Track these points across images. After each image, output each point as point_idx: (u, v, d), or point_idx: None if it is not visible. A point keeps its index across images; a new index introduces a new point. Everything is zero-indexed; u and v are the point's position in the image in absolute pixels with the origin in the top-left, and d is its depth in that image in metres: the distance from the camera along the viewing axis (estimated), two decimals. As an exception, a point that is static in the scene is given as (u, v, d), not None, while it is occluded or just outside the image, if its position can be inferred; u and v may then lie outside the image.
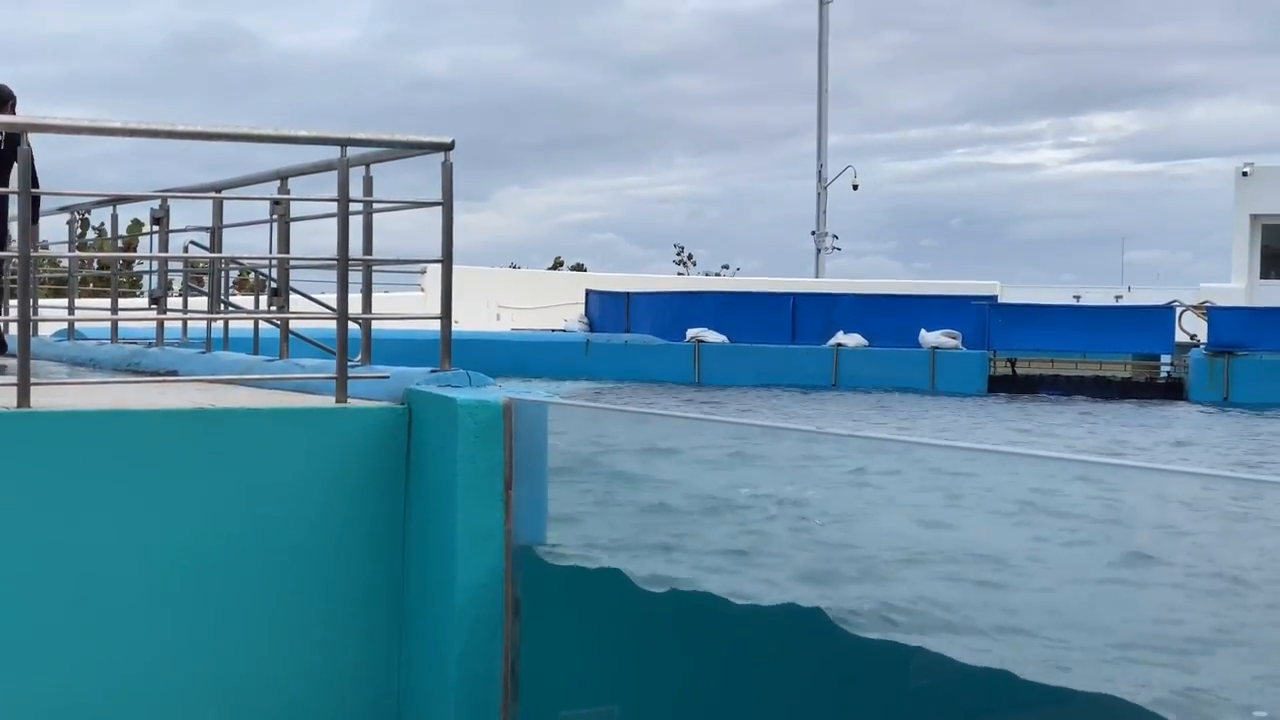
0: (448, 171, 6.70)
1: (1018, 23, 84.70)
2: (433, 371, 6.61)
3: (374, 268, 7.56)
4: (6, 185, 11.45)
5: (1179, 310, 29.14)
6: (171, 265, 11.20)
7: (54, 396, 6.25)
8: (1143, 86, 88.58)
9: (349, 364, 6.69)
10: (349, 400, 6.49)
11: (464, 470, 6.01)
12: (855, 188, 49.90)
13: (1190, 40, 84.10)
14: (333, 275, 6.74)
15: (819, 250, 49.26)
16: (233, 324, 9.98)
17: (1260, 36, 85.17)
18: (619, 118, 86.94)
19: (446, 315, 6.79)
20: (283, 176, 8.10)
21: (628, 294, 31.05)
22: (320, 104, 79.39)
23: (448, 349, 6.70)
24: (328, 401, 6.50)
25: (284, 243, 8.13)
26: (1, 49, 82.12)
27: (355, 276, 7.17)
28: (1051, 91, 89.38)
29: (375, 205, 7.06)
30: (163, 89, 79.91)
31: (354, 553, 6.26)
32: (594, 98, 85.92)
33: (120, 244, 12.84)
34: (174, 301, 11.19)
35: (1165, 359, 27.71)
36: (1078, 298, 37.32)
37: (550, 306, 34.31)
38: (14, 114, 11.17)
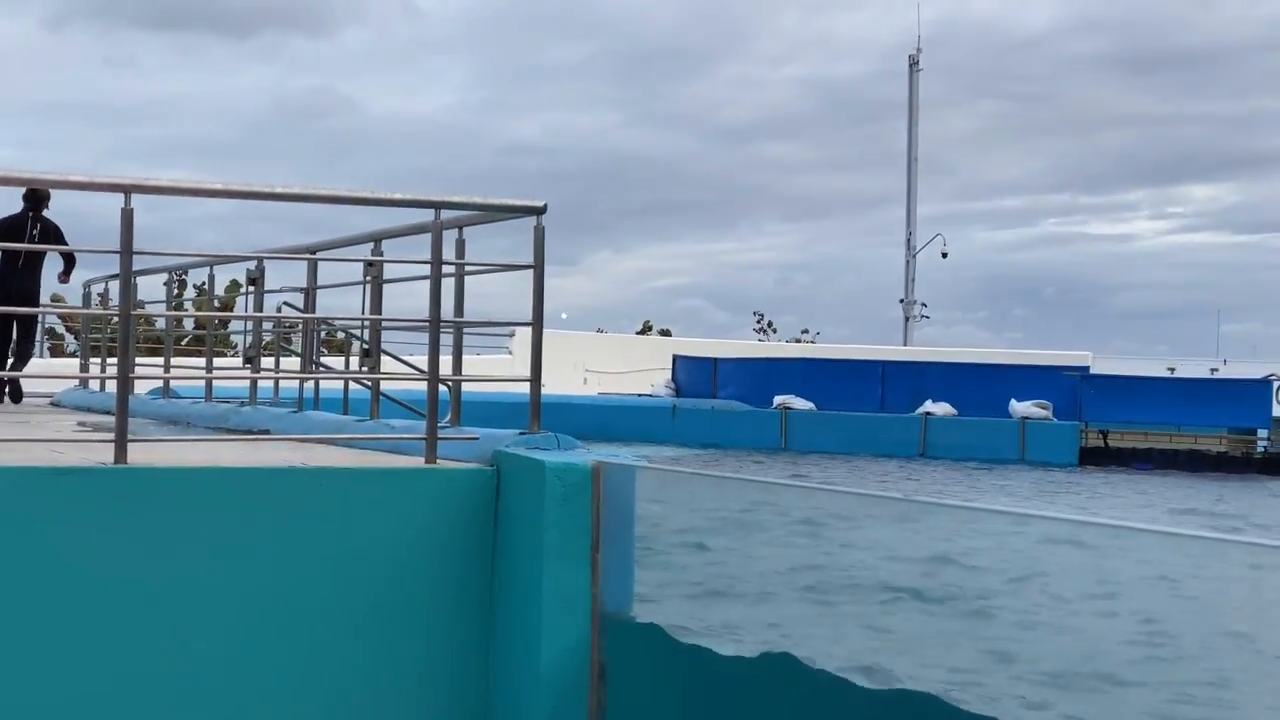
0: (539, 234, 6.75)
1: (1114, 93, 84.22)
2: (521, 434, 6.63)
3: (464, 330, 7.63)
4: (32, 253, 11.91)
5: (1276, 384, 28.67)
6: (266, 325, 11.36)
7: (150, 453, 6.32)
8: (1240, 158, 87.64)
9: (439, 425, 6.72)
10: (438, 461, 6.52)
11: (551, 532, 6.01)
12: (945, 255, 49.86)
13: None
14: (422, 338, 6.79)
15: (907, 318, 49.10)
16: (324, 384, 10.11)
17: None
18: (711, 185, 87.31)
19: (536, 378, 6.81)
20: (376, 239, 8.21)
21: (714, 360, 31.04)
22: (416, 167, 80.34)
23: (537, 411, 6.72)
24: (417, 462, 6.54)
25: (376, 304, 8.21)
26: (108, 111, 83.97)
27: (446, 339, 7.23)
28: (1149, 162, 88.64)
29: (467, 268, 7.11)
30: (263, 152, 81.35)
31: (441, 613, 6.27)
32: (688, 165, 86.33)
33: (217, 304, 13.03)
34: (267, 361, 11.32)
35: (1262, 433, 27.26)
36: (1172, 370, 36.87)
37: (637, 371, 34.35)
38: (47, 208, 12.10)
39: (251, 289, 10.25)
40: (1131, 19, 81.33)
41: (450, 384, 7.31)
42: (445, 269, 6.88)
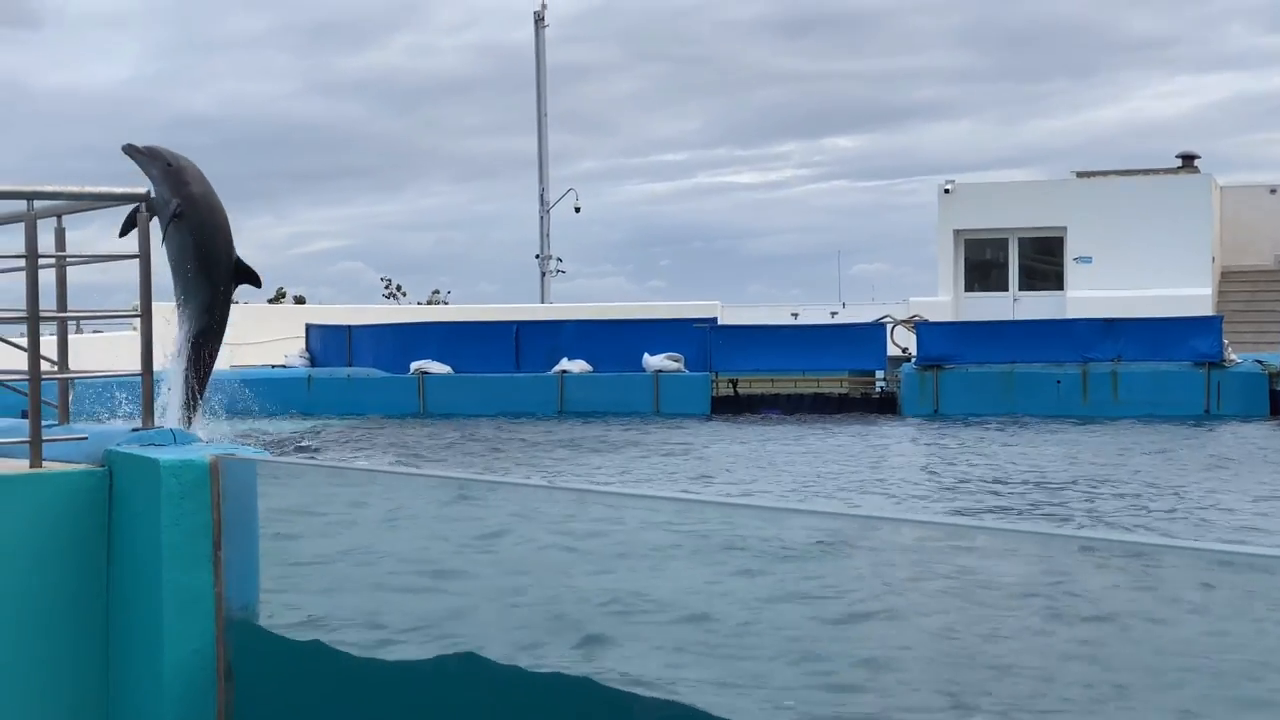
0: (144, 222, 6.49)
1: (769, 54, 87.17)
2: (134, 430, 6.38)
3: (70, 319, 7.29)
4: None
5: (890, 325, 30.15)
6: None
7: None
8: (883, 111, 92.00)
9: (43, 425, 6.40)
10: (44, 464, 6.21)
11: (169, 533, 5.80)
12: (578, 210, 50.42)
13: (925, 68, 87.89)
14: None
15: (543, 274, 49.54)
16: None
17: (980, 65, 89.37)
18: (381, 150, 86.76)
19: (148, 370, 6.56)
20: (-33, 228, 7.74)
21: (349, 327, 30.62)
22: (80, 143, 77.14)
23: (149, 406, 6.48)
24: (22, 466, 6.21)
25: (-28, 298, 7.75)
26: None
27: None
28: (799, 117, 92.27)
29: (68, 260, 6.79)
30: None
31: (54, 626, 5.99)
32: (359, 130, 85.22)
33: None
34: None
35: (879, 374, 28.62)
36: (795, 315, 38.34)
37: (271, 341, 33.59)
38: None
39: None
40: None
41: (57, 381, 6.97)
42: (44, 260, 6.56)
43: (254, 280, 13.23)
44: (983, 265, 39.42)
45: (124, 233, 9.14)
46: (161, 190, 12.06)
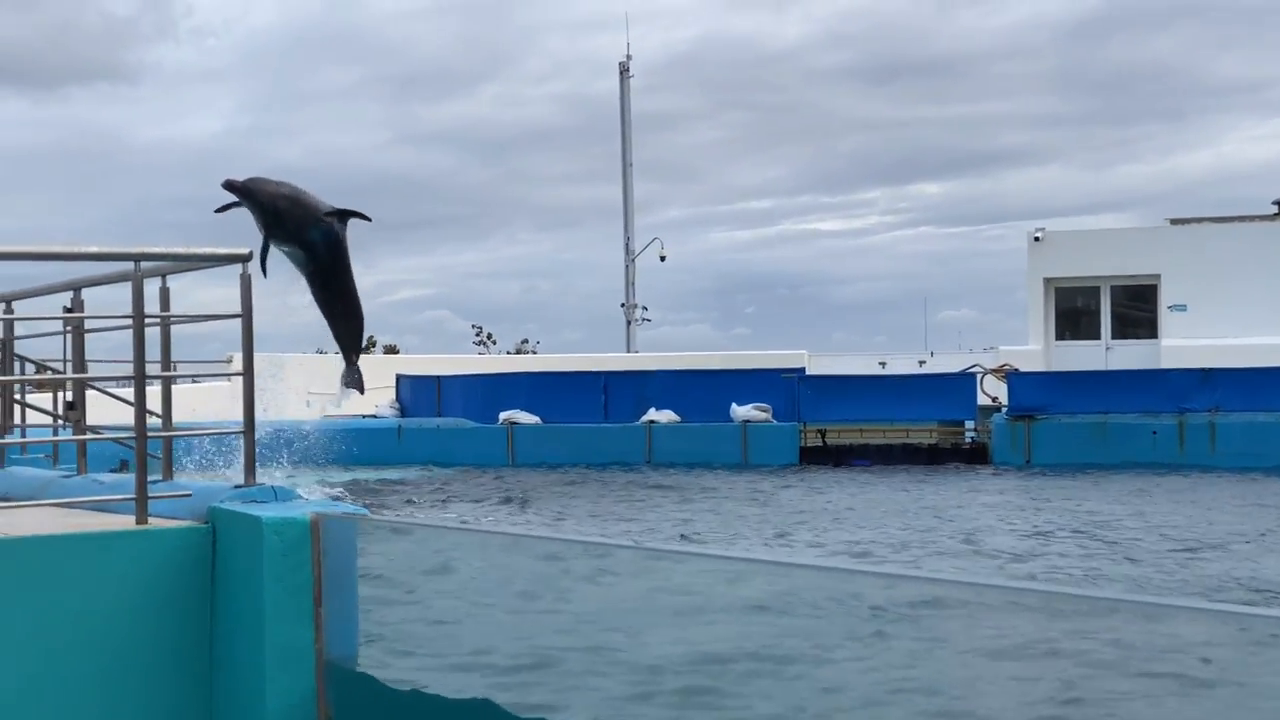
0: (246, 283, 6.60)
1: (855, 101, 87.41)
2: (237, 487, 6.48)
3: (174, 371, 7.42)
4: None
5: (980, 374, 29.93)
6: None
7: None
8: (969, 158, 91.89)
9: (149, 481, 6.51)
10: (150, 521, 6.32)
11: (271, 589, 5.89)
12: (663, 259, 50.58)
13: (1012, 114, 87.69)
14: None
15: (629, 322, 49.68)
16: (30, 423, 9.68)
17: (1074, 110, 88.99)
18: (468, 199, 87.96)
19: (249, 428, 6.66)
20: (76, 287, 7.91)
21: (438, 377, 30.87)
22: (174, 194, 79.23)
23: (251, 465, 6.57)
24: (128, 522, 6.33)
25: (79, 355, 7.93)
26: None
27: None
28: (885, 164, 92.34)
29: (172, 319, 6.92)
30: (16, 185, 79.80)
31: (160, 678, 6.08)
32: (446, 181, 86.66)
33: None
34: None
35: (969, 424, 28.41)
36: (883, 364, 38.15)
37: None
38: None
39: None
40: (874, 32, 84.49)
41: (162, 438, 7.10)
42: (148, 320, 6.69)
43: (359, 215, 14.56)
44: (1073, 313, 39.00)
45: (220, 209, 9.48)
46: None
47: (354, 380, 16.72)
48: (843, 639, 4.52)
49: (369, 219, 14.94)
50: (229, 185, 14.17)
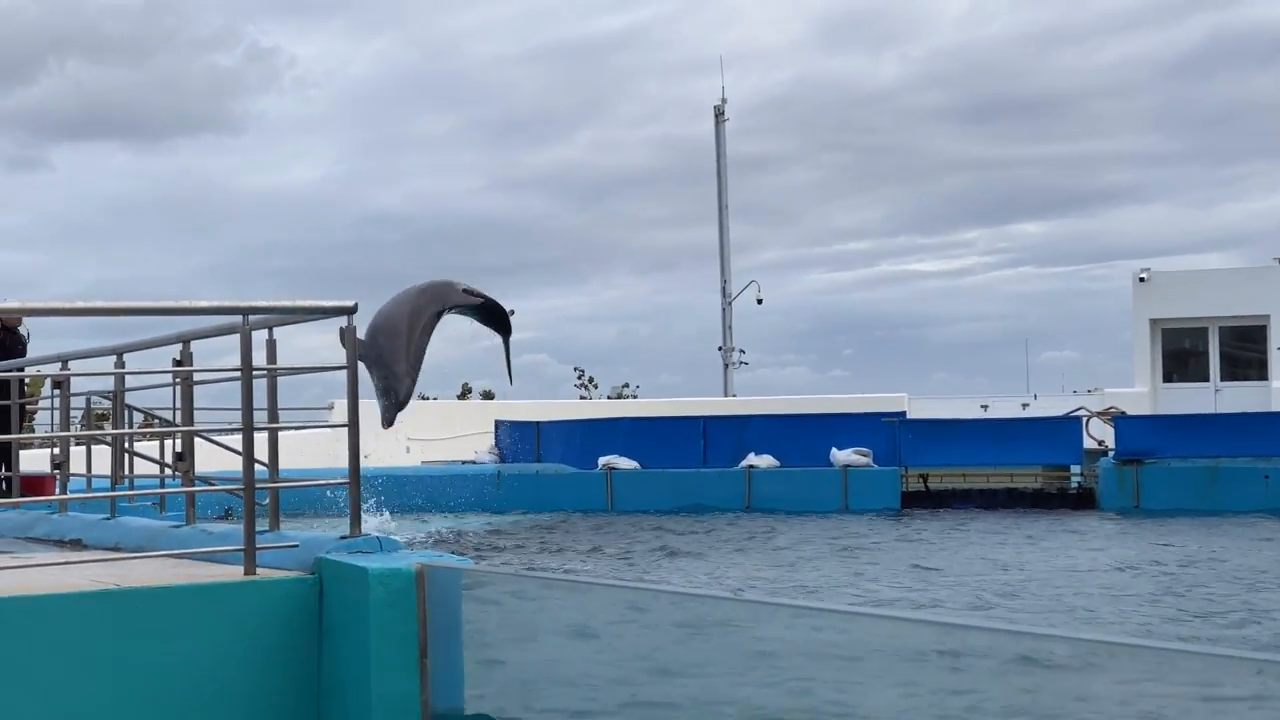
0: (351, 335, 6.66)
1: (954, 141, 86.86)
2: (342, 538, 6.52)
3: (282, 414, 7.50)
4: None
5: (1085, 418, 29.52)
6: (75, 426, 11.05)
7: (-48, 581, 6.10)
8: (1070, 196, 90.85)
9: (257, 532, 6.57)
10: (258, 571, 6.38)
11: (377, 640, 5.92)
12: (759, 302, 50.49)
13: (1114, 152, 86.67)
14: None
15: (726, 365, 49.60)
16: (139, 474, 9.82)
17: (1177, 148, 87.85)
18: (564, 243, 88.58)
19: (355, 481, 6.71)
20: (185, 339, 8.03)
21: (537, 423, 30.95)
22: (276, 241, 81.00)
23: (357, 516, 6.62)
24: (236, 572, 6.39)
25: (188, 406, 8.03)
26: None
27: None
28: (984, 204, 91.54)
29: (279, 371, 7.00)
30: (122, 234, 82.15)
31: (267, 729, 6.12)
32: (543, 225, 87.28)
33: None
34: (78, 464, 10.95)
35: (1075, 468, 27.99)
36: (985, 408, 37.72)
37: (460, 437, 34.10)
38: None
39: (58, 392, 9.96)
40: (971, 72, 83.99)
41: (269, 489, 7.16)
42: (256, 372, 6.76)
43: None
44: (1181, 354, 38.41)
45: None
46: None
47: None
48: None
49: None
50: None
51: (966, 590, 14.65)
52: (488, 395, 54.07)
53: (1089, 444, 28.43)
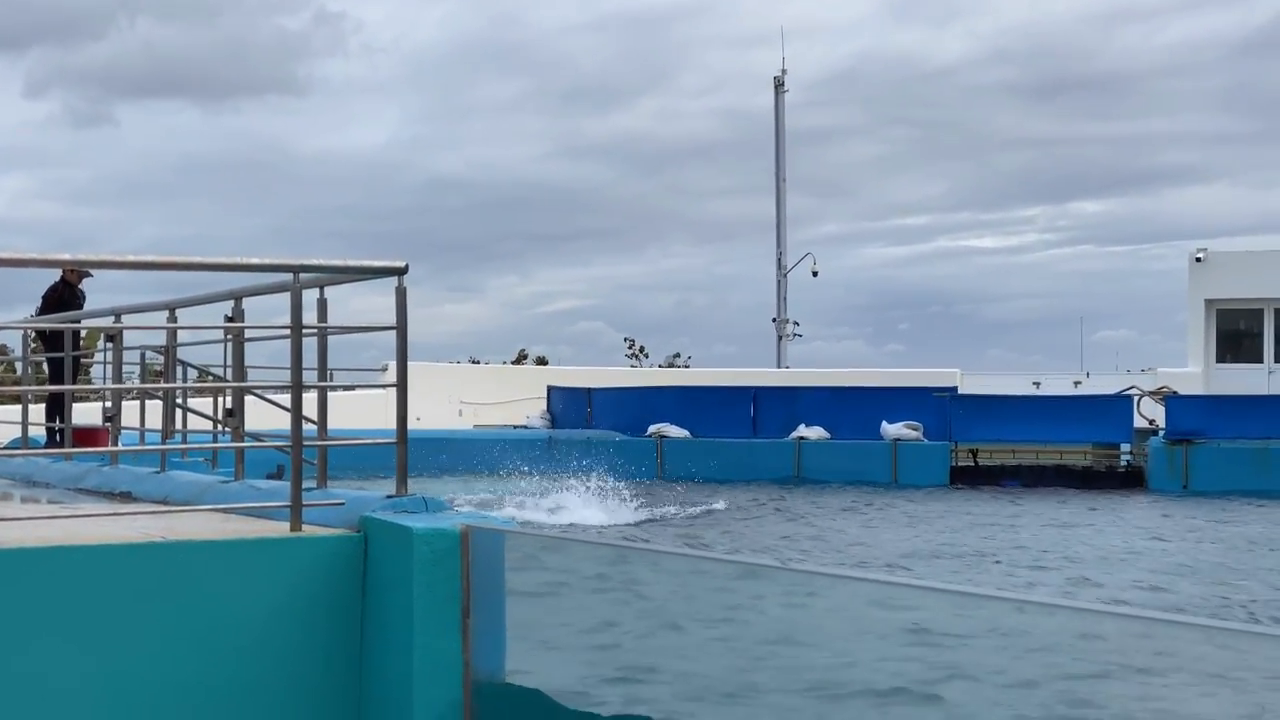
0: (401, 295, 6.68)
1: (1017, 118, 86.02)
2: (389, 497, 6.56)
3: (336, 375, 7.55)
4: None
5: (1137, 397, 29.28)
6: (127, 377, 11.15)
7: (3, 528, 6.18)
8: (1132, 175, 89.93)
9: (304, 489, 6.61)
10: (304, 528, 6.42)
11: (420, 598, 5.96)
12: (815, 274, 50.30)
13: (1177, 131, 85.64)
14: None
15: (780, 337, 49.47)
16: (191, 428, 9.92)
17: (1241, 128, 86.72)
18: (624, 211, 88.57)
19: (402, 440, 6.73)
20: (237, 296, 8.08)
21: (589, 389, 31.02)
22: (337, 204, 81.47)
23: (403, 474, 6.65)
24: (283, 528, 6.44)
25: (239, 363, 8.09)
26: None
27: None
28: (1045, 181, 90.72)
29: (329, 329, 7.03)
30: (187, 191, 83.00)
31: (311, 683, 6.18)
32: (604, 193, 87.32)
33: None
34: (130, 418, 11.07)
35: (1125, 447, 27.81)
36: (1037, 384, 37.48)
37: (512, 401, 34.22)
38: None
39: (109, 345, 10.05)
40: (1038, 48, 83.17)
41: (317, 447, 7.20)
42: (306, 331, 6.80)
43: None
44: (1235, 335, 37.99)
45: None
46: None
47: None
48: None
49: None
50: None
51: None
52: (541, 361, 54.20)
53: (1140, 423, 28.21)
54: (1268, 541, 17.14)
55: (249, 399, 8.40)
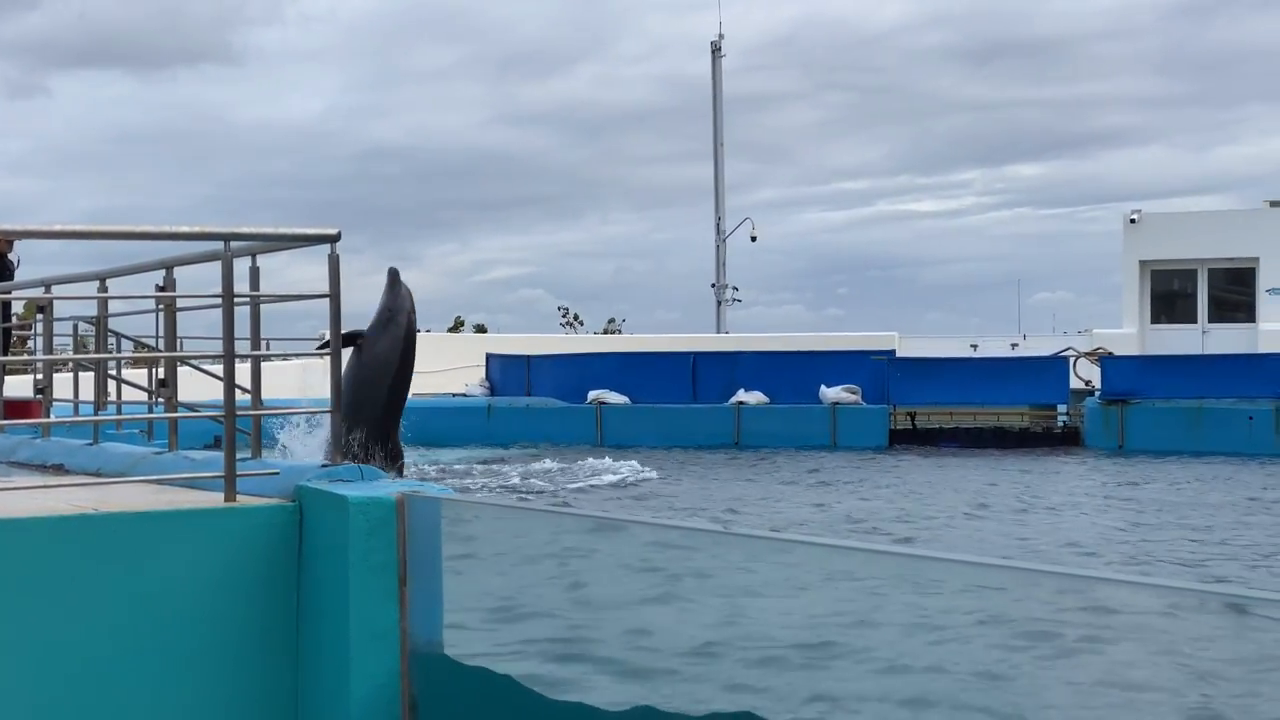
0: (334, 262, 6.63)
1: (954, 82, 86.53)
2: (323, 466, 6.53)
3: (268, 345, 7.50)
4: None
5: (1072, 358, 29.56)
6: (60, 349, 11.04)
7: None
8: (1068, 139, 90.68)
9: (237, 459, 6.57)
10: (238, 498, 6.38)
11: (356, 568, 5.93)
12: (754, 239, 50.41)
13: (1112, 95, 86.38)
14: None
15: (719, 302, 49.59)
16: (126, 399, 9.83)
17: (1175, 91, 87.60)
18: (564, 178, 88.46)
19: (337, 407, 6.71)
20: (168, 266, 7.98)
21: (528, 357, 30.95)
22: (273, 172, 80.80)
23: (338, 443, 6.62)
24: (216, 499, 6.39)
25: (171, 333, 8.01)
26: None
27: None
28: (983, 145, 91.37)
29: (261, 298, 6.97)
30: (120, 162, 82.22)
31: (246, 655, 6.14)
32: (543, 160, 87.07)
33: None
34: (62, 390, 10.94)
35: (1061, 408, 28.07)
36: (974, 347, 37.78)
37: (450, 369, 34.08)
38: None
39: (40, 316, 9.94)
40: (974, 12, 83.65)
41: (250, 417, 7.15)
42: (238, 299, 6.74)
43: None
44: (1169, 296, 38.41)
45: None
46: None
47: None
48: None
49: None
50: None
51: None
52: (480, 329, 54.10)
53: (1076, 384, 28.48)
54: (1185, 504, 17.28)
55: (184, 370, 8.33)
